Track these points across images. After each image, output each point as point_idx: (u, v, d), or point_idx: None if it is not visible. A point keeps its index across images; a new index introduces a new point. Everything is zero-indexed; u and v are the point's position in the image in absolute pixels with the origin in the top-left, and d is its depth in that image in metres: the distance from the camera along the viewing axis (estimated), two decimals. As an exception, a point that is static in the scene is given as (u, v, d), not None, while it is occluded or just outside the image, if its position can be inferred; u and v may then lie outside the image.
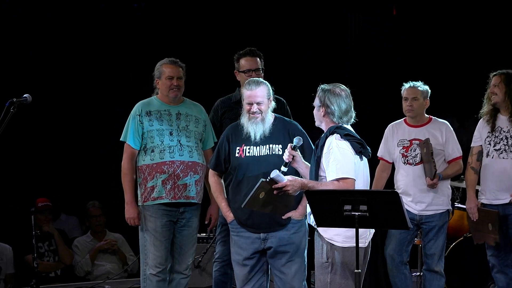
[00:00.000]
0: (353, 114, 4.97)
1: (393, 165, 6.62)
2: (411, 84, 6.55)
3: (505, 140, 6.30)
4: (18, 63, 8.66)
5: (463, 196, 6.87)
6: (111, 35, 8.87)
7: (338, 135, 4.84)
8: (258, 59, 6.24)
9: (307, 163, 5.07)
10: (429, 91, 6.58)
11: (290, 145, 5.06)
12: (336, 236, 4.85)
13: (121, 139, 6.01)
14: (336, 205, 4.56)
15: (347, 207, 4.54)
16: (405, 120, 6.62)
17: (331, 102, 4.89)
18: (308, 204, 4.73)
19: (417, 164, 6.44)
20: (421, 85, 6.55)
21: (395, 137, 6.59)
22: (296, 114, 6.18)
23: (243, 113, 5.50)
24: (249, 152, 5.49)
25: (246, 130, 5.47)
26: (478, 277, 7.05)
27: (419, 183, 6.42)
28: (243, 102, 5.50)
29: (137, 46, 8.84)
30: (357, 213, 4.53)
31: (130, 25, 8.90)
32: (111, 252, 8.32)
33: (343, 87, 4.97)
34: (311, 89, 5.07)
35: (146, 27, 8.90)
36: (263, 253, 5.53)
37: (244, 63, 6.21)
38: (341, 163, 4.77)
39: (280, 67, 8.23)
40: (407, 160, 6.49)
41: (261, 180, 4.95)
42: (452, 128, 6.58)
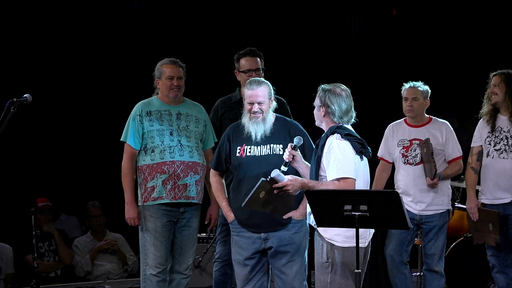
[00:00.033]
0: (354, 114, 4.97)
1: (393, 165, 6.62)
2: (411, 84, 6.55)
3: (505, 140, 6.30)
4: (18, 63, 8.66)
5: (463, 196, 6.87)
6: (111, 35, 8.86)
7: (339, 135, 4.84)
8: (258, 59, 6.24)
9: (307, 163, 5.07)
10: (429, 91, 6.58)
11: (290, 145, 5.06)
12: (336, 236, 4.85)
13: (121, 139, 6.01)
14: (336, 205, 4.56)
15: (347, 207, 4.54)
16: (405, 120, 6.62)
17: (332, 102, 4.89)
18: (308, 204, 4.73)
19: (417, 164, 6.44)
20: (421, 85, 6.55)
21: (395, 137, 6.58)
22: (296, 114, 6.17)
23: (244, 113, 5.50)
24: (250, 152, 5.49)
25: (247, 130, 5.47)
26: (478, 277, 7.05)
27: (419, 183, 6.42)
28: (244, 102, 5.50)
29: (137, 46, 8.83)
30: (357, 213, 4.53)
31: (130, 25, 8.89)
32: (111, 252, 8.32)
33: (344, 87, 4.97)
34: (311, 89, 5.06)
35: (146, 27, 8.89)
36: (264, 253, 5.53)
37: (244, 63, 6.21)
38: (342, 163, 4.77)
39: (280, 67, 8.22)
40: (407, 160, 6.49)
41: (262, 180, 4.95)
42: (452, 128, 6.58)
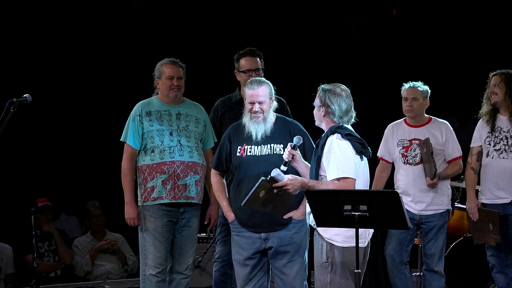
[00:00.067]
0: (354, 114, 4.97)
1: (393, 165, 6.62)
2: (411, 84, 6.55)
3: (505, 140, 6.30)
4: (18, 63, 8.66)
5: (463, 196, 6.87)
6: (111, 35, 8.86)
7: (339, 135, 4.84)
8: (258, 59, 6.24)
9: (307, 163, 5.07)
10: (429, 91, 6.58)
11: (290, 144, 5.06)
12: (336, 236, 4.85)
13: (121, 139, 6.01)
14: (336, 205, 4.56)
15: (347, 207, 4.54)
16: (405, 120, 6.62)
17: (332, 102, 4.89)
18: (308, 204, 4.73)
19: (417, 164, 6.44)
20: (421, 85, 6.55)
21: (395, 137, 6.59)
22: (296, 114, 6.17)
23: (245, 112, 5.50)
24: (250, 152, 5.48)
25: (248, 130, 5.47)
26: (478, 277, 7.05)
27: (419, 183, 6.42)
28: (245, 101, 5.50)
29: (137, 46, 8.83)
30: (357, 213, 4.53)
31: (130, 25, 8.89)
32: (111, 252, 8.31)
33: (344, 87, 4.97)
34: (311, 89, 5.06)
35: (146, 27, 8.89)
36: (264, 253, 5.53)
37: (244, 63, 6.22)
38: (342, 163, 4.77)
39: (280, 67, 8.21)
40: (407, 160, 6.49)
41: (262, 179, 4.94)
42: (452, 128, 6.58)
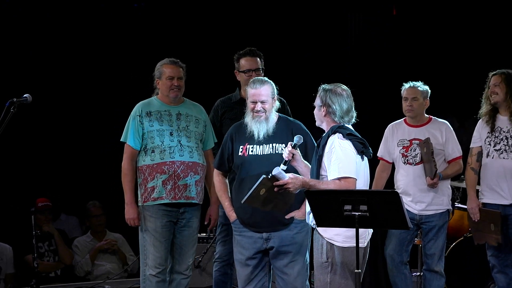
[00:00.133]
0: (354, 114, 4.97)
1: (393, 165, 6.62)
2: (411, 84, 6.55)
3: (505, 140, 6.30)
4: (18, 63, 8.65)
5: (463, 196, 6.88)
6: (111, 35, 8.86)
7: (341, 135, 4.84)
8: (258, 59, 6.24)
9: (307, 163, 5.07)
10: (429, 91, 6.57)
11: (290, 144, 5.05)
12: (336, 236, 4.84)
13: (121, 140, 6.00)
14: (336, 205, 4.56)
15: (347, 207, 4.54)
16: (405, 120, 6.62)
17: (333, 102, 4.89)
18: (308, 204, 4.73)
19: (417, 164, 6.44)
20: (421, 85, 6.55)
21: (395, 137, 6.58)
22: (296, 114, 6.17)
23: (247, 112, 5.50)
24: (252, 151, 5.48)
25: (250, 129, 5.47)
26: (478, 277, 7.05)
27: (419, 183, 6.42)
28: (247, 101, 5.50)
29: (137, 46, 8.83)
30: (357, 213, 4.53)
31: (130, 25, 8.89)
32: (111, 252, 8.31)
33: (344, 87, 4.97)
34: (311, 89, 5.06)
35: (146, 27, 8.89)
36: (266, 253, 5.53)
37: (244, 63, 6.22)
38: (343, 163, 4.77)
39: (280, 67, 8.21)
40: (407, 160, 6.49)
41: (263, 177, 4.94)
42: (452, 128, 6.59)
